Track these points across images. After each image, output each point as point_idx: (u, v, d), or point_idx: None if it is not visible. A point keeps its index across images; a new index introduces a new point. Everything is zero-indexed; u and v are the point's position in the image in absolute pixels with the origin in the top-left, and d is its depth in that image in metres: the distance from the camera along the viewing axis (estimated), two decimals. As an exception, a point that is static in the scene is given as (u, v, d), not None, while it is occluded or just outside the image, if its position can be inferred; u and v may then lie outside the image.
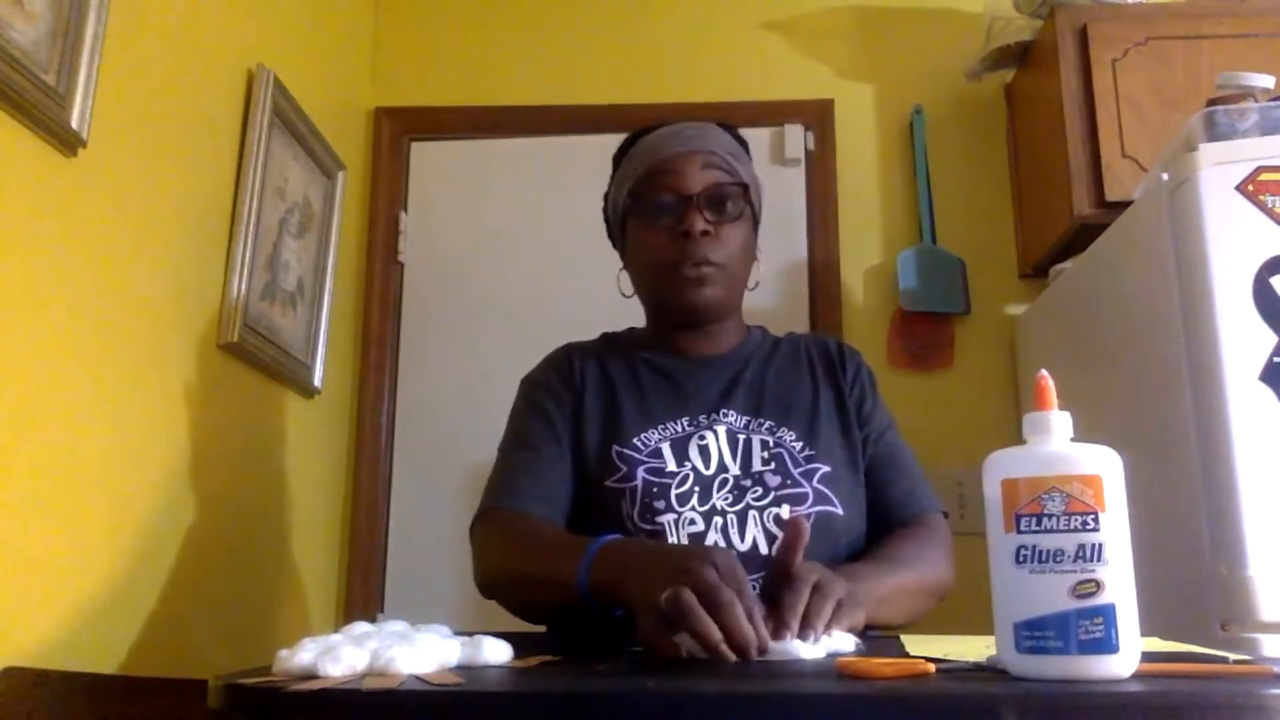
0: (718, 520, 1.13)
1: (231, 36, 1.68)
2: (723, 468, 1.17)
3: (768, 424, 1.22)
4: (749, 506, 1.14)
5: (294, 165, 1.87)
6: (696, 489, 1.15)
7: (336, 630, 0.81)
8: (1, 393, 1.11)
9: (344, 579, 2.17)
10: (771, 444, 1.19)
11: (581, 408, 1.24)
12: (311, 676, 0.66)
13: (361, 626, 0.83)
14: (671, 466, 1.17)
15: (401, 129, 2.41)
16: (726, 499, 1.15)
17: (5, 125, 1.13)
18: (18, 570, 1.13)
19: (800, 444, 1.20)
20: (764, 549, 1.11)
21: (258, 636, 1.70)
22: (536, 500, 1.18)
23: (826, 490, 1.16)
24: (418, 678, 0.66)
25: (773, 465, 1.17)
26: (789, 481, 1.16)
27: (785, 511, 1.13)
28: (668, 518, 1.13)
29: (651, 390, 1.26)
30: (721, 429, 1.20)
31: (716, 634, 0.76)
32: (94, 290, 1.28)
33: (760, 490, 1.15)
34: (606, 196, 1.36)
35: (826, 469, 1.18)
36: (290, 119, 1.83)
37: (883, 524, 1.22)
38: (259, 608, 1.76)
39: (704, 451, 1.18)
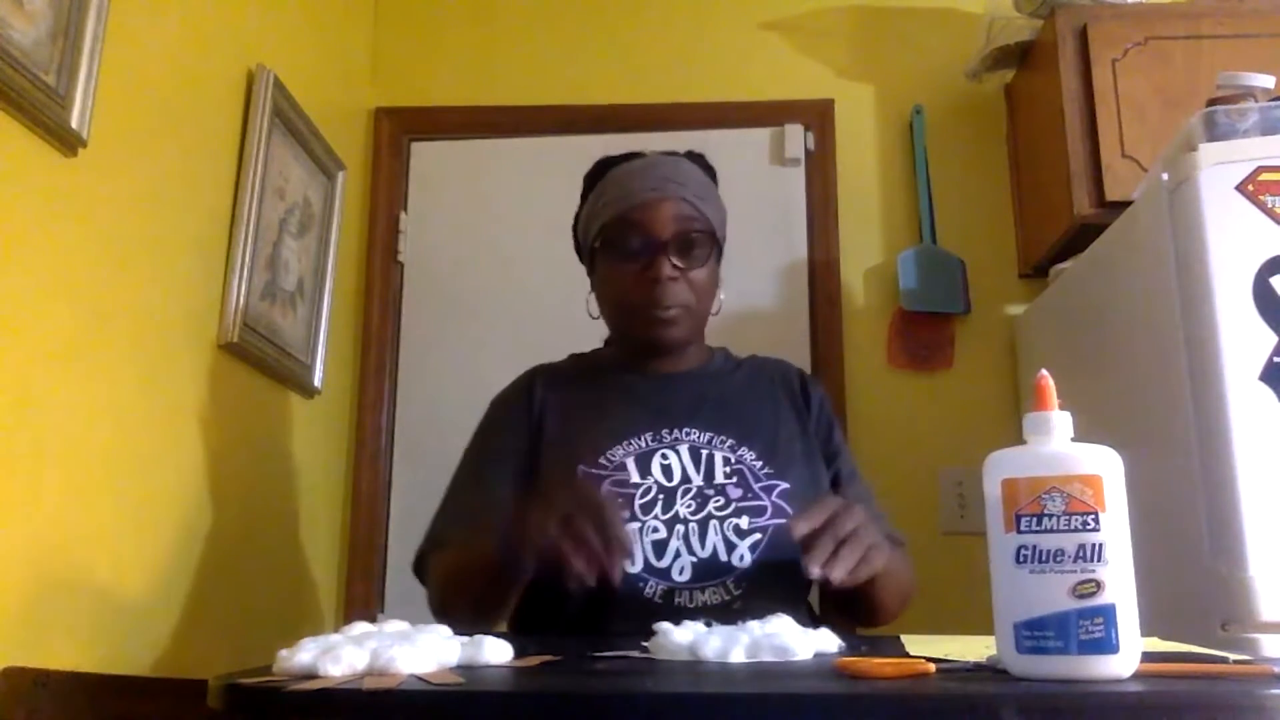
0: (679, 528, 1.17)
1: (231, 36, 1.67)
2: (686, 479, 1.21)
3: (729, 441, 1.25)
4: (710, 515, 1.18)
5: (294, 165, 1.87)
6: (660, 498, 1.19)
7: (336, 630, 0.81)
8: (1, 392, 1.11)
9: (344, 579, 2.17)
10: (733, 460, 1.23)
11: (541, 433, 1.29)
12: (311, 676, 0.66)
13: (361, 626, 0.83)
14: (635, 479, 1.21)
15: (401, 129, 2.41)
16: (689, 506, 1.19)
17: (5, 125, 1.12)
18: (18, 570, 1.13)
19: (760, 462, 1.24)
20: (723, 556, 1.16)
21: (258, 636, 1.70)
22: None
23: (785, 505, 1.20)
24: (418, 677, 0.66)
25: (735, 479, 1.21)
26: (749, 495, 1.20)
27: (745, 522, 1.18)
28: (631, 527, 1.16)
29: (616, 408, 1.29)
30: (684, 446, 1.24)
31: (579, 567, 0.92)
32: (94, 290, 1.28)
33: (722, 500, 1.19)
34: (577, 218, 1.39)
35: (786, 486, 1.22)
36: (290, 119, 1.83)
37: None
38: (259, 608, 1.75)
39: (666, 470, 1.22)
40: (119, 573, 1.31)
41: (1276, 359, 1.37)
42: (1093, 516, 0.64)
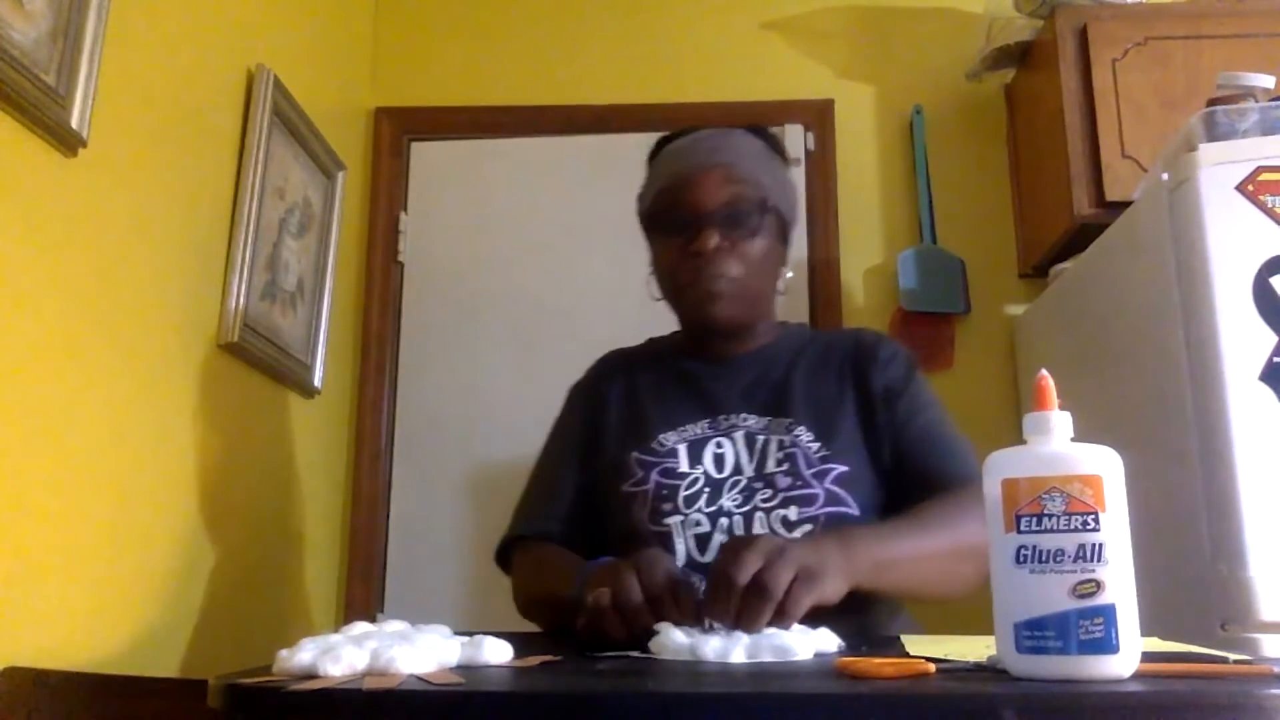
0: (723, 521, 1.14)
1: (231, 36, 1.67)
2: (737, 470, 1.18)
3: (787, 422, 1.21)
4: (756, 508, 1.14)
5: (294, 165, 1.87)
6: (706, 490, 1.17)
7: (336, 630, 0.81)
8: (1, 392, 1.11)
9: (344, 579, 2.17)
10: (787, 444, 1.19)
11: (604, 421, 1.30)
12: (311, 676, 0.66)
13: (361, 626, 0.83)
14: (684, 468, 1.19)
15: (401, 129, 2.41)
16: (735, 500, 1.16)
17: (5, 125, 1.12)
18: (18, 570, 1.13)
19: (817, 444, 1.19)
20: None
21: (258, 637, 1.70)
22: (555, 526, 1.27)
23: (840, 491, 1.15)
24: (418, 677, 0.66)
25: (785, 466, 1.17)
26: (799, 483, 1.15)
27: (793, 513, 1.13)
28: (674, 520, 1.15)
29: (675, 394, 1.28)
30: (740, 434, 1.21)
31: (618, 634, 0.88)
32: (94, 290, 1.28)
33: (770, 492, 1.15)
34: (640, 198, 1.36)
35: (843, 469, 1.17)
36: (290, 119, 1.83)
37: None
38: (259, 608, 1.75)
39: (719, 460, 1.20)
40: (118, 573, 1.31)
41: (1276, 359, 1.37)
42: (1093, 516, 0.64)
